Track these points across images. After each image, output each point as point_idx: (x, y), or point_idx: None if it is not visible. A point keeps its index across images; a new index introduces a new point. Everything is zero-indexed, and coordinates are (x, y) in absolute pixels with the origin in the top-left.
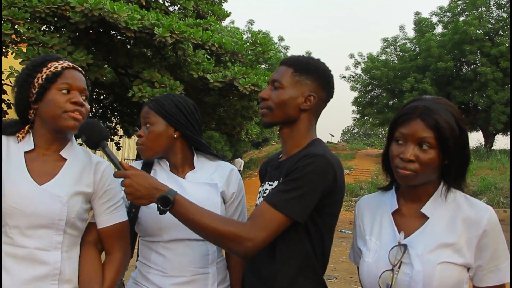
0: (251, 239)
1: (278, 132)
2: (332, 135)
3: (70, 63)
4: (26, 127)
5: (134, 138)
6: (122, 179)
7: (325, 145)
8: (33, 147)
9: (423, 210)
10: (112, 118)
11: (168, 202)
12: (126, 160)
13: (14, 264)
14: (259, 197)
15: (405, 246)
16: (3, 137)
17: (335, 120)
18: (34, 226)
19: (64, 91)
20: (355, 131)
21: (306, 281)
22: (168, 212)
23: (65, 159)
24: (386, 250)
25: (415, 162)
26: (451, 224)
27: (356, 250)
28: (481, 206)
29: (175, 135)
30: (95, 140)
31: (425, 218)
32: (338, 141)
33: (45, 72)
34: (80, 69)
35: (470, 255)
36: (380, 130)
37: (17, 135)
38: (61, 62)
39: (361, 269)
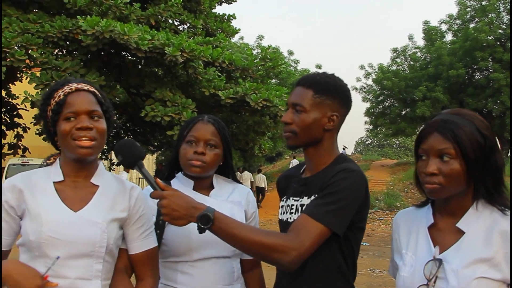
0: (296, 248)
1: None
2: (346, 147)
3: (73, 86)
4: (54, 158)
5: (148, 157)
6: (158, 200)
7: (352, 160)
8: (62, 177)
9: (458, 224)
10: (125, 138)
11: (209, 220)
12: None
13: None
14: (284, 212)
15: (440, 260)
16: (26, 173)
17: (348, 131)
18: (76, 255)
19: (71, 119)
20: (369, 142)
21: None
22: (199, 231)
23: (97, 186)
24: (421, 265)
25: (438, 175)
26: (487, 238)
27: (394, 265)
28: None
29: (221, 163)
30: (131, 160)
31: (461, 233)
32: (352, 153)
33: (52, 104)
34: (87, 87)
35: (508, 270)
36: (393, 140)
37: (46, 162)
38: (65, 87)
39: (397, 283)
